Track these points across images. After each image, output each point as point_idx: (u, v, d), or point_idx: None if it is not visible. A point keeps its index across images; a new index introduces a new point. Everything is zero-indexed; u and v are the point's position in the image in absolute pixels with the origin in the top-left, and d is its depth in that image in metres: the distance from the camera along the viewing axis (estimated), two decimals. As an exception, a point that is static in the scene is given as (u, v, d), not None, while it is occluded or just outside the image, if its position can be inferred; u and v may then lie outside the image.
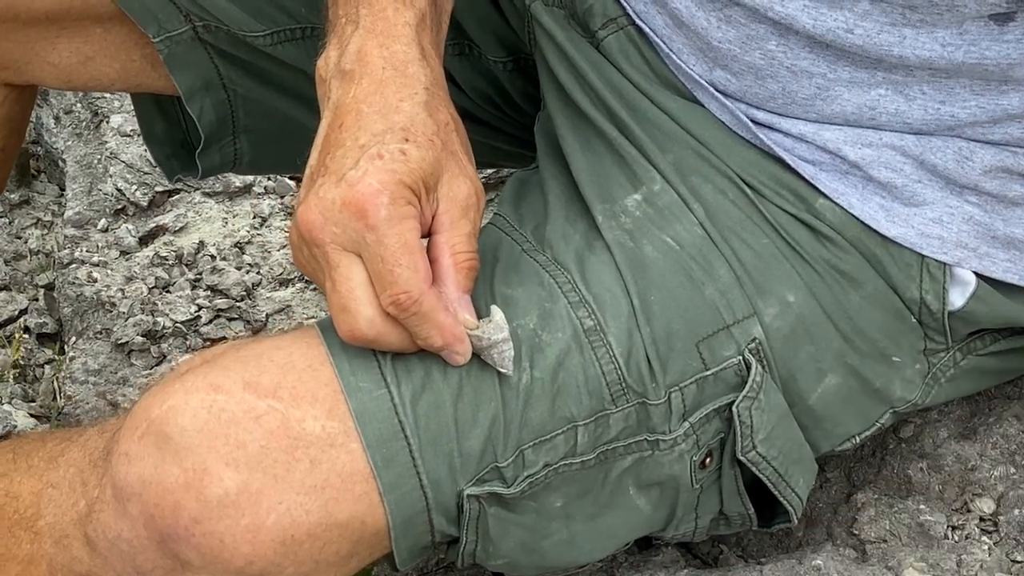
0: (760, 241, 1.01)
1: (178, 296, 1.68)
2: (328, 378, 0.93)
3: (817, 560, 1.13)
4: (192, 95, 1.22)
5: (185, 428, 0.91)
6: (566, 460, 0.96)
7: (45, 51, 1.22)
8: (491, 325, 0.93)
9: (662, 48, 1.07)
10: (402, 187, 0.89)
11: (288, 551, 0.91)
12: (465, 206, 0.93)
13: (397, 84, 0.93)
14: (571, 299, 0.97)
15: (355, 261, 0.90)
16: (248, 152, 1.29)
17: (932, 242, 1.02)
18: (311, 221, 0.90)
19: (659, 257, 1.00)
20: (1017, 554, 1.16)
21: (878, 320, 1.02)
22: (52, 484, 0.98)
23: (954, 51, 0.97)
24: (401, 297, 0.89)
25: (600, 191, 1.03)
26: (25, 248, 1.84)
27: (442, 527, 0.95)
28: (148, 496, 0.91)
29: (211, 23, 1.19)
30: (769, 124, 1.04)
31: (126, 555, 0.94)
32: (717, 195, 1.02)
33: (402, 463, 0.92)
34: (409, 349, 0.92)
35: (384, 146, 0.90)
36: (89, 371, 1.61)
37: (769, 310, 1.00)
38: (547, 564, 1.02)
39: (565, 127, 1.09)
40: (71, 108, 1.93)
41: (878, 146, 1.01)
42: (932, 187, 1.02)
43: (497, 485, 0.94)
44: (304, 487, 0.91)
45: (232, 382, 0.92)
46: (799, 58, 1.00)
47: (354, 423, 0.92)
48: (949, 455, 1.25)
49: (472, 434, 0.93)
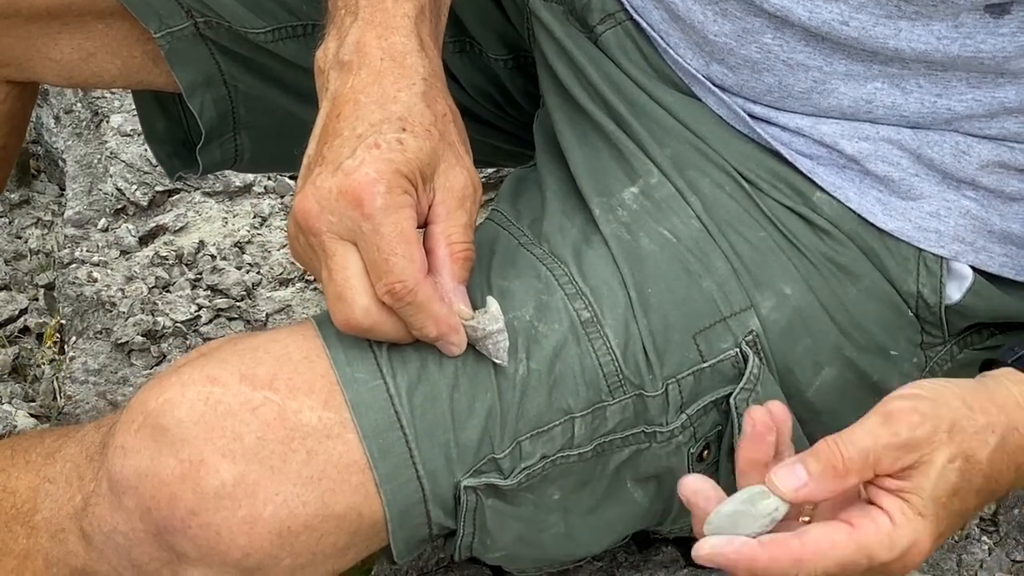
0: (757, 234, 1.01)
1: (178, 296, 1.68)
2: (324, 369, 0.93)
3: (816, 559, 1.13)
4: (193, 91, 1.22)
5: (182, 420, 0.91)
6: (563, 452, 0.96)
7: (47, 47, 1.23)
8: (486, 316, 0.93)
9: (659, 43, 1.07)
10: (399, 176, 0.89)
11: (285, 543, 0.91)
12: (462, 196, 0.93)
13: (395, 75, 0.94)
14: (568, 291, 0.98)
15: (351, 250, 0.90)
16: (249, 148, 1.29)
17: (929, 236, 1.02)
18: (308, 210, 0.90)
19: (656, 250, 1.00)
20: (1017, 554, 1.16)
21: (875, 313, 1.02)
22: (49, 479, 0.98)
23: (949, 44, 0.97)
24: (396, 286, 0.89)
25: (597, 185, 1.04)
26: (25, 248, 1.84)
27: (439, 519, 0.95)
28: (144, 488, 0.91)
29: (212, 19, 1.19)
30: (766, 118, 1.04)
31: (122, 548, 0.94)
32: (714, 188, 1.03)
33: (398, 454, 0.92)
34: (404, 339, 0.92)
35: (381, 136, 0.90)
36: (89, 371, 1.61)
37: (766, 303, 1.00)
38: (545, 557, 1.02)
39: (563, 122, 1.09)
40: (71, 108, 1.93)
41: (875, 140, 1.02)
42: (929, 181, 1.02)
43: (494, 477, 0.94)
44: (301, 478, 0.91)
45: (228, 374, 0.92)
46: (795, 51, 1.01)
47: (350, 414, 0.92)
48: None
49: (469, 425, 0.93)
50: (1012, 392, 0.87)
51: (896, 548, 0.81)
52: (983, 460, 0.84)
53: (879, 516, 0.81)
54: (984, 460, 0.84)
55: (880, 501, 0.82)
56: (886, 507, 0.81)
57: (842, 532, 0.81)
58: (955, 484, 0.83)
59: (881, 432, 0.81)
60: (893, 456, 0.81)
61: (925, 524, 0.81)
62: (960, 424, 0.83)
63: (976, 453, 0.83)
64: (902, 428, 0.81)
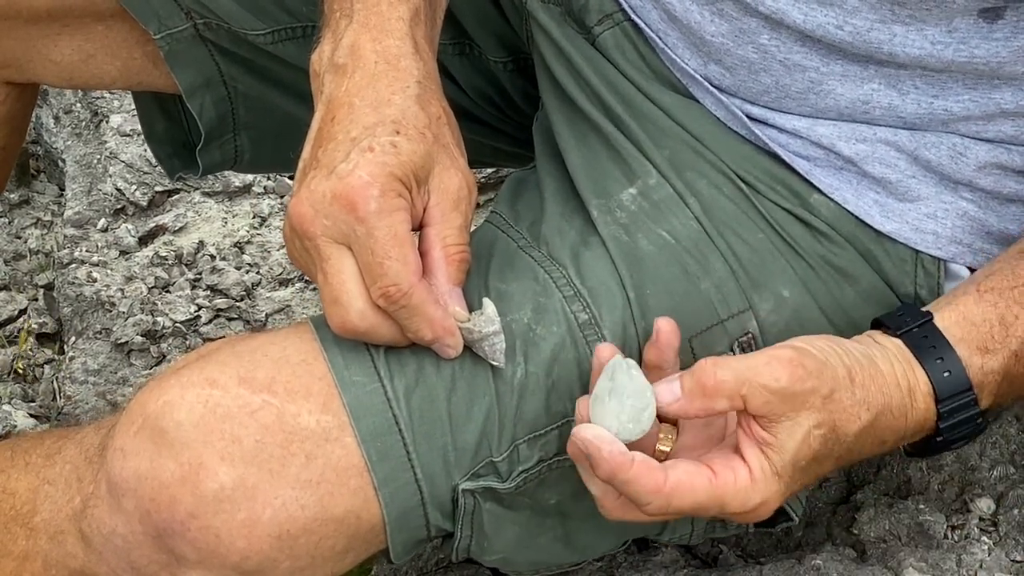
0: (755, 236, 1.01)
1: (178, 296, 1.68)
2: (322, 372, 0.93)
3: (816, 560, 1.13)
4: (193, 92, 1.22)
5: (181, 423, 0.91)
6: (560, 455, 0.96)
7: (47, 49, 1.23)
8: (482, 318, 0.93)
9: (657, 43, 1.07)
10: (392, 180, 0.89)
11: (284, 546, 0.91)
12: (456, 199, 0.93)
13: (389, 78, 0.94)
14: (566, 293, 0.98)
15: (346, 254, 0.90)
16: (248, 149, 1.29)
17: (927, 237, 1.02)
18: (302, 214, 0.90)
19: (654, 251, 1.00)
20: (1017, 554, 1.16)
21: (873, 315, 1.02)
22: (48, 481, 0.98)
23: (944, 49, 0.97)
24: (391, 290, 0.89)
25: (595, 186, 1.04)
26: (25, 248, 1.85)
27: (437, 521, 0.95)
28: (144, 491, 0.91)
29: (212, 21, 1.19)
30: (763, 119, 1.04)
31: (121, 550, 0.94)
32: (712, 190, 1.02)
33: (396, 457, 0.92)
34: (401, 342, 0.92)
35: (375, 139, 0.90)
36: (89, 371, 1.61)
37: (764, 305, 1.00)
38: (542, 561, 1.02)
39: (561, 123, 1.09)
40: (71, 108, 1.93)
41: (872, 141, 1.02)
42: (926, 183, 1.02)
43: (492, 480, 0.94)
44: (299, 482, 0.91)
45: (227, 377, 0.92)
46: (791, 52, 1.01)
47: (348, 417, 0.92)
48: (949, 455, 1.25)
49: (466, 428, 0.93)
50: (895, 371, 0.90)
51: (748, 504, 0.85)
52: (850, 435, 0.87)
53: (740, 468, 0.85)
54: (851, 435, 0.88)
55: (744, 451, 0.86)
56: (748, 459, 0.85)
57: (703, 478, 0.85)
58: (816, 451, 0.86)
59: (762, 370, 0.85)
60: (764, 398, 0.85)
61: (779, 484, 0.86)
62: (837, 395, 0.86)
63: (844, 427, 0.87)
64: (783, 376, 0.85)
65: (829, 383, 0.86)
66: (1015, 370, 0.93)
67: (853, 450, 0.89)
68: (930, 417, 0.91)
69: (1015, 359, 0.93)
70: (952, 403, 0.91)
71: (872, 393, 0.88)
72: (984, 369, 0.92)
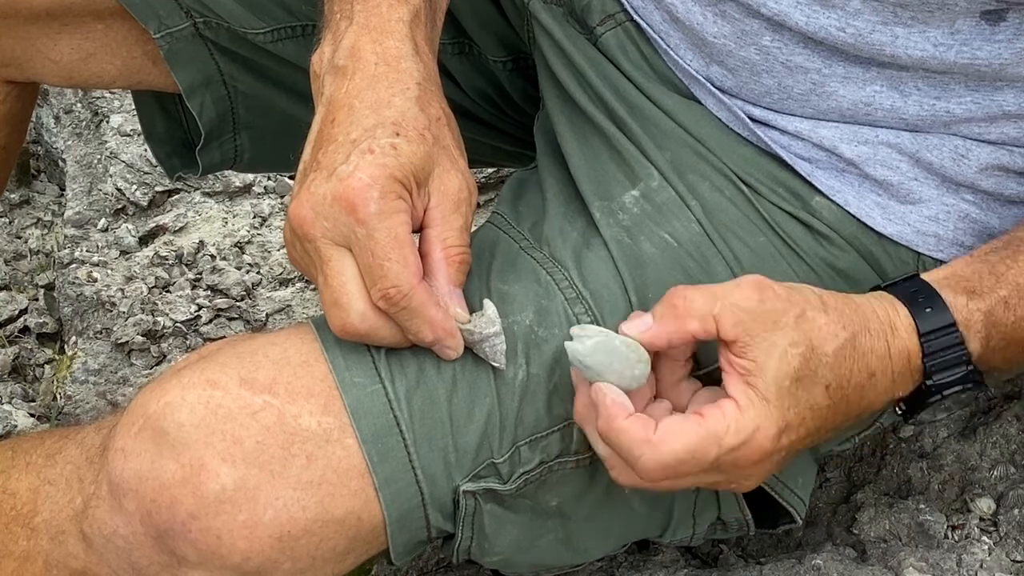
0: (757, 239, 1.01)
1: (178, 296, 1.68)
2: (323, 374, 0.93)
3: (817, 560, 1.13)
4: (192, 91, 1.22)
5: (182, 424, 0.91)
6: (561, 458, 0.96)
7: (46, 48, 1.23)
8: (483, 319, 0.93)
9: (659, 44, 1.07)
10: (392, 181, 0.89)
11: (285, 547, 0.91)
12: (457, 200, 0.93)
13: (389, 79, 0.94)
14: (568, 295, 0.97)
15: (346, 255, 0.90)
16: (248, 149, 1.29)
17: (928, 240, 1.02)
18: (302, 216, 0.90)
19: (657, 253, 1.00)
20: (1017, 554, 1.16)
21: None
22: (49, 481, 0.98)
23: (946, 51, 0.97)
24: (391, 291, 0.89)
25: (598, 188, 1.03)
26: (25, 248, 1.85)
27: (438, 522, 0.95)
28: (145, 492, 0.91)
29: (212, 20, 1.19)
30: (766, 121, 1.04)
31: (122, 551, 0.94)
32: (714, 193, 1.02)
33: (397, 458, 0.92)
34: (401, 344, 0.92)
35: (375, 141, 0.90)
36: (89, 371, 1.61)
37: (765, 307, 1.00)
38: (542, 562, 1.02)
39: (563, 124, 1.09)
40: (71, 108, 1.93)
41: (874, 144, 1.02)
42: (928, 185, 1.02)
43: (493, 481, 0.94)
44: (301, 483, 0.91)
45: (228, 378, 0.92)
46: (794, 53, 1.00)
47: (349, 419, 0.92)
48: (949, 455, 1.25)
49: (468, 430, 0.93)
50: (872, 304, 0.91)
51: (742, 432, 0.85)
52: (829, 353, 0.87)
53: (727, 403, 0.85)
54: (830, 353, 0.87)
55: (729, 388, 0.86)
56: (733, 393, 0.86)
57: (692, 421, 0.85)
58: (797, 369, 0.86)
59: (732, 290, 0.86)
60: (736, 317, 0.85)
61: (769, 409, 0.85)
62: (809, 314, 0.87)
63: (822, 345, 0.87)
64: (753, 295, 0.86)
65: (800, 303, 0.87)
66: (1005, 318, 0.92)
67: (841, 376, 0.88)
68: (914, 351, 0.91)
69: (1004, 305, 0.92)
70: (935, 338, 0.91)
71: (847, 315, 0.89)
72: (969, 307, 0.92)
